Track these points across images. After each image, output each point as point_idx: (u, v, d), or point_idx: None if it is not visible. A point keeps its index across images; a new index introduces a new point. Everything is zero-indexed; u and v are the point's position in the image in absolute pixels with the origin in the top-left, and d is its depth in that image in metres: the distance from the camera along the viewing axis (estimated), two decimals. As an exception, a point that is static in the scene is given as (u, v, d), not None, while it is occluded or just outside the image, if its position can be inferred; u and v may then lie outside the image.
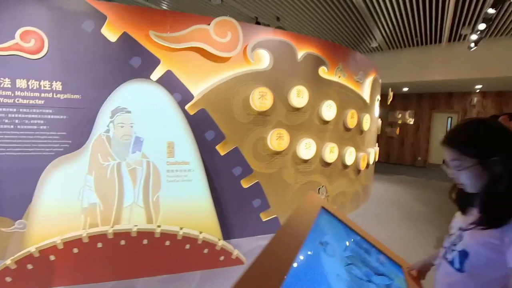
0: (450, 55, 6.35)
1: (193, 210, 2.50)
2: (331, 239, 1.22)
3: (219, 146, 2.84)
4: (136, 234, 2.29)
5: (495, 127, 0.87)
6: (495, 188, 0.84)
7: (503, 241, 0.80)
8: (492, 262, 0.81)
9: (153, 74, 2.62)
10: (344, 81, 3.64)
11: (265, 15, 5.22)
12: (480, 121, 0.92)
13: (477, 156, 0.86)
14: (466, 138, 0.89)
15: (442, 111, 8.56)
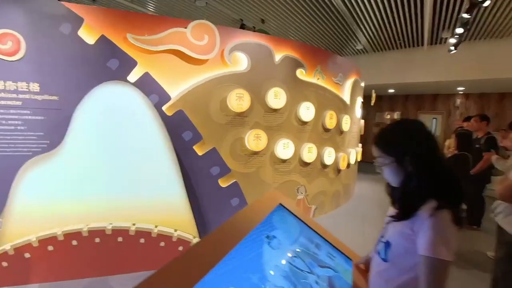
0: (432, 58, 6.52)
1: (169, 208, 2.57)
2: (280, 234, 1.30)
3: (196, 146, 2.91)
4: (111, 232, 2.35)
5: (411, 129, 0.97)
6: (407, 184, 0.93)
7: (413, 230, 0.89)
8: (408, 251, 0.90)
9: (130, 75, 2.68)
10: (323, 82, 3.75)
11: (250, 18, 5.31)
12: (400, 122, 1.02)
13: (393, 155, 0.95)
14: (386, 138, 0.99)
15: (427, 112, 8.75)
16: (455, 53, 5.66)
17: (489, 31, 5.65)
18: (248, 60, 3.05)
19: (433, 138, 0.95)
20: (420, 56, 6.67)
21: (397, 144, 0.94)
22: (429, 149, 0.92)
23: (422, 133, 0.94)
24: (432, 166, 0.90)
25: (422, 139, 0.93)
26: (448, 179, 0.91)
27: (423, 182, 0.89)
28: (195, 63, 2.87)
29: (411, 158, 0.90)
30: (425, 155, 0.90)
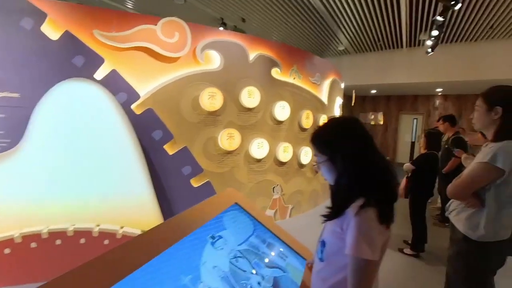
0: (411, 60, 6.67)
1: (136, 208, 2.51)
2: (228, 233, 1.28)
3: (167, 146, 2.86)
4: (73, 234, 2.27)
5: (344, 127, 0.96)
6: (339, 182, 0.93)
7: (342, 229, 0.88)
8: (340, 250, 0.88)
9: (96, 73, 2.60)
10: (300, 82, 3.76)
11: (231, 16, 5.28)
12: (335, 121, 1.01)
13: (327, 153, 0.95)
14: (320, 137, 0.98)
15: (408, 113, 8.95)
16: (433, 55, 5.80)
17: (464, 35, 5.82)
18: (221, 59, 3.02)
19: (367, 136, 0.94)
20: (400, 57, 6.81)
21: (329, 142, 0.94)
22: (361, 148, 0.92)
23: (354, 131, 0.94)
24: (364, 165, 0.89)
25: (354, 138, 0.92)
26: (381, 177, 0.91)
27: (353, 180, 0.88)
28: (165, 61, 2.82)
29: (342, 156, 0.90)
30: (356, 153, 0.90)
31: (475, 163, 1.41)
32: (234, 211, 1.49)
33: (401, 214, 3.17)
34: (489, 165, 1.31)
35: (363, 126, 0.94)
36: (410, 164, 3.03)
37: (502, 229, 1.37)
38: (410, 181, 3.04)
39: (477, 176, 1.38)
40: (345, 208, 0.88)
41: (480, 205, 1.39)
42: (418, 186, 2.96)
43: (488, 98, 1.46)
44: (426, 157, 3.00)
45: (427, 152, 3.02)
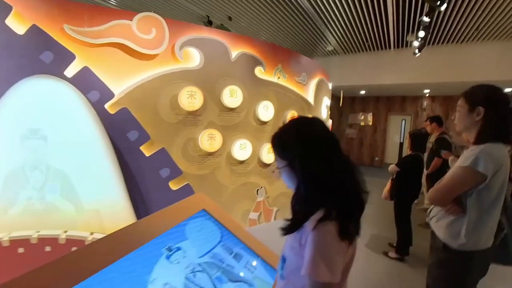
0: (399, 61, 6.69)
1: (109, 213, 2.38)
2: (188, 244, 1.17)
3: (143, 147, 2.73)
4: (37, 241, 2.12)
5: (303, 130, 0.85)
6: (298, 191, 0.83)
7: (301, 244, 0.79)
8: (299, 268, 0.77)
9: (67, 70, 2.45)
10: (284, 82, 3.67)
11: (217, 14, 5.17)
12: (294, 122, 0.91)
13: (286, 158, 0.85)
14: (279, 139, 0.88)
15: (397, 114, 9.00)
16: (420, 56, 5.83)
17: (451, 37, 5.86)
18: (201, 56, 2.91)
19: (330, 138, 0.85)
20: (388, 58, 6.83)
21: (288, 145, 0.84)
22: (323, 151, 0.82)
23: (316, 132, 0.85)
24: (325, 171, 0.80)
25: (315, 140, 0.83)
26: (345, 185, 0.81)
27: (313, 188, 0.79)
28: (142, 58, 2.69)
29: (302, 161, 0.80)
30: (318, 157, 0.80)
31: (456, 167, 1.34)
32: (200, 218, 1.38)
33: (386, 216, 3.14)
34: (470, 169, 1.24)
35: (326, 127, 0.85)
36: (395, 166, 2.98)
37: (484, 238, 1.29)
38: (394, 183, 2.99)
39: (458, 181, 1.30)
40: (304, 220, 0.78)
41: (461, 212, 1.31)
42: (402, 188, 2.91)
43: (470, 98, 1.40)
44: (411, 159, 2.96)
45: (411, 154, 2.98)
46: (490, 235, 1.31)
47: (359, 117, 9.58)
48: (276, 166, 0.90)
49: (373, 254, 3.00)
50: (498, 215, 1.32)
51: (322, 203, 0.77)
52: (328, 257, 0.70)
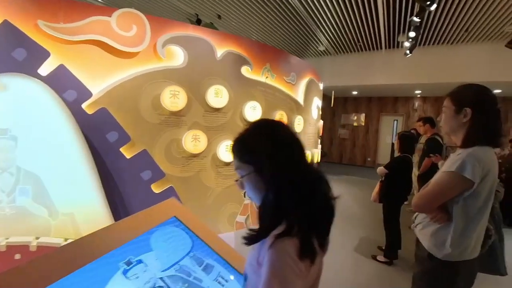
0: (390, 61, 6.69)
1: (85, 219, 2.26)
2: (152, 256, 1.08)
3: (124, 149, 2.62)
4: (5, 249, 2.00)
5: (267, 131, 0.76)
6: (264, 201, 0.74)
7: (258, 262, 0.70)
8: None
9: (41, 68, 2.34)
10: (273, 81, 3.60)
11: (206, 13, 5.07)
12: (257, 125, 0.82)
13: (251, 162, 0.76)
14: (242, 143, 0.80)
15: (389, 114, 9.02)
16: (411, 57, 5.82)
17: (441, 38, 5.87)
18: (185, 55, 2.82)
19: (298, 143, 0.77)
20: (379, 59, 6.82)
21: (257, 149, 0.75)
22: (294, 155, 0.75)
23: (285, 136, 0.76)
24: (298, 176, 0.71)
25: (286, 143, 0.74)
26: (314, 194, 0.73)
27: (284, 196, 0.71)
28: (122, 56, 2.58)
29: (272, 164, 0.72)
30: (290, 161, 0.72)
31: (442, 172, 1.25)
32: (170, 226, 1.29)
33: (376, 219, 3.10)
34: (456, 174, 1.15)
35: (291, 130, 0.77)
36: (383, 167, 2.93)
37: (471, 247, 1.21)
38: (383, 185, 2.94)
39: (444, 188, 1.22)
40: (267, 233, 0.70)
41: (447, 220, 1.22)
42: (391, 190, 2.86)
43: (457, 98, 1.32)
44: (399, 160, 2.91)
45: (400, 155, 2.93)
46: (477, 245, 1.23)
47: (352, 118, 9.58)
48: (238, 176, 0.81)
49: (361, 258, 2.94)
50: (485, 223, 1.24)
51: (287, 215, 0.69)
52: (284, 280, 0.61)
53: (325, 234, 0.74)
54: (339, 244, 3.24)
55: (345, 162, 9.71)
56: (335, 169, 8.60)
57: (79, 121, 2.45)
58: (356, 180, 7.12)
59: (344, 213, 4.34)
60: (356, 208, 4.62)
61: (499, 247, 1.43)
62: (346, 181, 7.03)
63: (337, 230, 3.76)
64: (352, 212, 4.38)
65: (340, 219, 3.65)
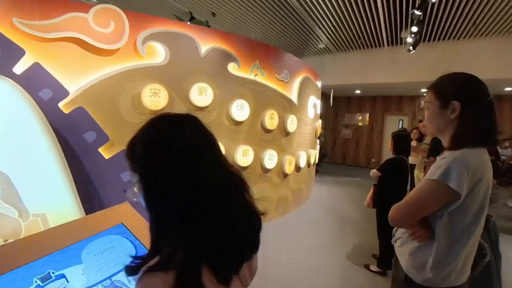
0: (392, 58, 6.44)
1: (58, 219, 2.18)
2: (78, 270, 0.96)
3: (102, 149, 2.54)
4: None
5: (153, 130, 0.59)
6: (151, 217, 0.59)
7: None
8: None
9: (16, 67, 2.28)
10: (263, 79, 3.47)
11: (200, 10, 4.98)
12: (149, 122, 0.61)
13: (136, 170, 0.60)
14: (130, 146, 0.62)
15: (393, 114, 8.73)
16: (415, 54, 5.57)
17: (447, 33, 5.60)
18: (166, 52, 2.72)
19: (199, 144, 0.58)
20: (381, 56, 6.58)
21: (137, 156, 0.58)
22: (188, 163, 0.55)
23: (173, 137, 0.56)
24: (185, 188, 0.53)
25: (167, 147, 0.55)
26: (210, 212, 0.53)
27: (157, 215, 0.56)
28: (100, 53, 2.50)
29: (147, 174, 0.56)
30: (162, 171, 0.54)
31: (424, 179, 1.02)
32: (113, 235, 1.17)
33: (374, 224, 2.91)
34: (439, 183, 0.93)
35: (199, 128, 0.62)
36: (376, 170, 2.74)
37: (456, 272, 0.99)
38: (376, 190, 2.75)
39: (424, 198, 1.00)
40: (145, 262, 0.54)
41: (428, 238, 1.01)
42: (385, 195, 2.66)
43: (441, 91, 1.05)
44: (393, 162, 2.72)
45: (394, 157, 2.74)
46: (465, 268, 1.02)
47: (357, 117, 9.32)
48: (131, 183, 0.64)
49: (353, 266, 2.76)
50: (476, 242, 1.04)
51: (172, 239, 0.52)
52: None
53: (233, 267, 0.57)
54: (330, 249, 3.07)
55: (349, 163, 9.45)
56: (337, 170, 8.38)
57: (55, 121, 2.39)
58: (358, 182, 6.89)
59: (340, 216, 4.16)
60: (354, 211, 4.41)
61: (494, 267, 1.23)
62: (348, 182, 6.81)
63: (331, 234, 3.63)
64: (349, 216, 4.19)
65: (335, 223, 3.46)
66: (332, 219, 4.00)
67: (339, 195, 5.51)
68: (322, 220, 3.98)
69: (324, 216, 4.13)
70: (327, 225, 3.78)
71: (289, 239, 3.27)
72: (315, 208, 4.52)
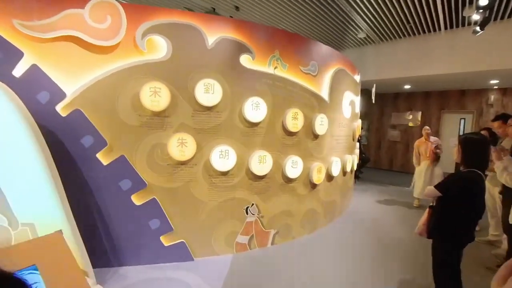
0: (451, 45, 5.34)
1: (47, 229, 1.97)
2: None
3: (100, 154, 2.33)
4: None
5: None
6: None
7: None
8: None
9: (15, 69, 2.19)
10: (284, 72, 2.97)
11: (223, 5, 4.68)
12: None
13: None
14: None
15: (453, 112, 7.36)
16: (483, 36, 4.49)
17: (528, 5, 4.39)
18: (168, 45, 2.42)
19: None
20: (438, 43, 5.51)
21: None
22: None
23: None
24: None
25: None
26: None
27: None
28: (98, 51, 2.30)
29: None
30: None
31: None
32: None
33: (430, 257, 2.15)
34: None
35: None
36: (434, 187, 1.96)
37: None
38: (433, 214, 2.02)
39: None
40: None
41: None
42: (446, 224, 1.91)
43: None
44: (462, 179, 1.91)
45: (463, 171, 1.92)
46: None
47: (406, 117, 8.12)
48: None
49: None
50: None
51: None
52: None
53: None
54: (368, 284, 2.42)
55: (396, 169, 8.26)
56: (382, 177, 7.34)
57: (53, 125, 2.24)
58: (408, 193, 5.86)
59: (384, 239, 3.37)
60: (402, 233, 3.57)
61: None
62: (395, 192, 5.83)
63: (369, 263, 2.80)
64: (395, 239, 3.38)
65: (376, 247, 2.62)
66: (373, 242, 3.27)
67: (384, 209, 4.66)
68: (360, 242, 3.27)
69: (362, 237, 3.41)
70: (366, 249, 3.07)
71: (314, 265, 2.69)
72: (351, 225, 3.81)
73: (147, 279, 2.32)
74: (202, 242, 2.67)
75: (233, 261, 2.66)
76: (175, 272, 2.41)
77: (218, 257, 2.71)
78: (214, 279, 2.33)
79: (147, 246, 2.50)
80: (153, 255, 2.51)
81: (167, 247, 2.53)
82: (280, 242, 3.08)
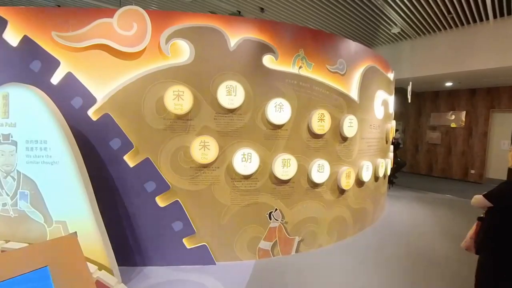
0: (502, 35, 4.76)
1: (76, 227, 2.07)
2: None
3: (127, 157, 2.41)
4: (1, 258, 1.99)
5: None
6: None
7: None
8: None
9: (53, 77, 2.36)
10: (309, 72, 2.84)
11: (248, 8, 4.66)
12: None
13: None
14: None
15: (504, 111, 6.55)
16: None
17: None
18: (191, 49, 2.43)
19: None
20: (485, 34, 4.96)
21: None
22: None
23: None
24: None
25: None
26: None
27: None
28: (125, 57, 2.40)
29: None
30: None
31: None
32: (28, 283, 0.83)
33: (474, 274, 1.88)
34: None
35: None
36: (482, 196, 1.74)
37: None
38: (482, 227, 1.77)
39: None
40: None
41: None
42: (497, 238, 1.67)
43: None
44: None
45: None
46: None
47: (448, 117, 7.42)
48: None
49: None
50: None
51: None
52: None
53: None
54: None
55: (436, 175, 7.55)
56: (420, 183, 6.76)
57: (85, 128, 2.37)
58: (450, 202, 5.32)
59: (420, 253, 3.03)
60: (447, 247, 3.19)
61: None
62: (434, 201, 5.31)
63: (403, 279, 2.51)
64: (438, 254, 3.02)
65: (412, 261, 2.36)
66: (407, 256, 2.97)
67: (421, 219, 4.26)
68: (392, 255, 2.99)
69: (395, 249, 3.12)
70: (399, 264, 2.79)
71: (341, 276, 2.51)
72: (383, 235, 3.53)
73: (169, 280, 2.33)
74: (224, 246, 2.63)
75: (256, 267, 2.58)
76: (197, 275, 2.39)
77: (241, 262, 2.65)
78: (235, 285, 2.27)
79: (170, 247, 2.52)
80: (176, 257, 2.53)
81: (189, 249, 2.53)
82: (305, 250, 2.93)
